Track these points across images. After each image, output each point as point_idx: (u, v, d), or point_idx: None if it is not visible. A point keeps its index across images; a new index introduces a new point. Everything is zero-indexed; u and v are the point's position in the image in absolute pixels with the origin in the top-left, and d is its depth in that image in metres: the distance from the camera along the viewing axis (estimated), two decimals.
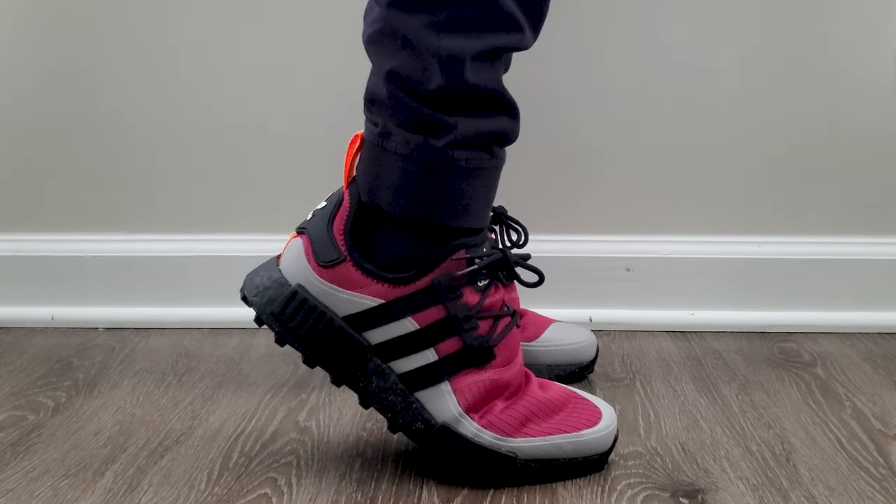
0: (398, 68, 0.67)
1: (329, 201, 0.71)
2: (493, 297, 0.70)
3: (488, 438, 0.68)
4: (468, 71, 0.66)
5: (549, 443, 0.68)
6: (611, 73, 1.06)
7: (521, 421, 0.69)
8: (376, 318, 0.68)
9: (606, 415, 0.71)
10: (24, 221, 1.12)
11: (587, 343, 0.90)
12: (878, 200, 1.07)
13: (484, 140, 0.68)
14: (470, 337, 0.68)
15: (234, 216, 1.10)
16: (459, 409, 0.68)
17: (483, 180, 0.70)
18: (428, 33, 0.65)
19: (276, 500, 0.66)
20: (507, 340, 0.70)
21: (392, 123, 0.68)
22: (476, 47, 0.66)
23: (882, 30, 1.04)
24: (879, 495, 0.66)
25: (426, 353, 0.68)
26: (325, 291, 0.68)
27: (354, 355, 0.68)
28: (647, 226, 1.08)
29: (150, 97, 1.08)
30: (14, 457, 0.73)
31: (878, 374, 0.92)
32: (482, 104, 0.68)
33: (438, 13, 0.65)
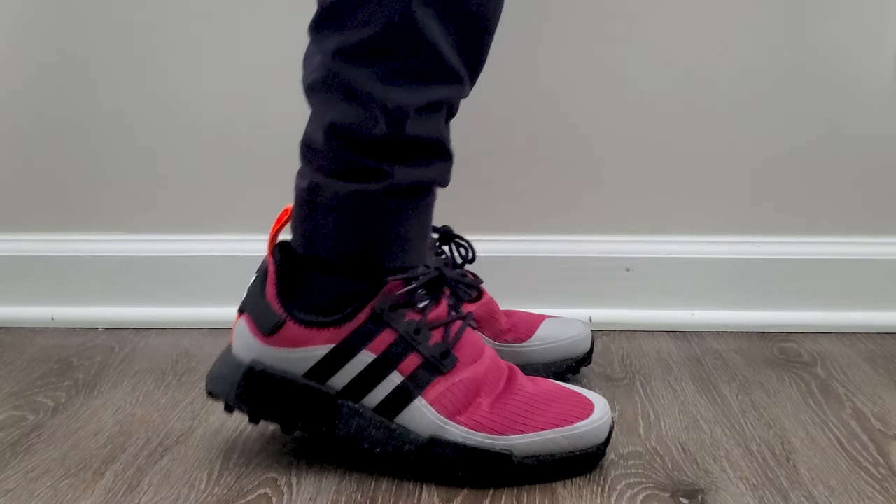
0: (340, 120, 0.67)
1: (258, 273, 0.72)
2: (435, 310, 0.71)
3: (480, 439, 0.68)
4: (411, 122, 0.67)
5: (542, 438, 0.68)
6: (611, 73, 1.06)
7: (511, 418, 0.69)
8: (333, 363, 0.69)
9: (599, 406, 0.70)
10: (24, 221, 1.12)
11: (581, 336, 0.90)
12: (878, 200, 1.07)
13: (418, 185, 0.70)
14: (426, 348, 0.69)
15: (234, 216, 1.10)
16: (441, 417, 0.68)
17: (417, 221, 0.71)
18: (374, 84, 0.66)
19: (276, 500, 0.66)
20: (466, 339, 0.71)
21: (324, 175, 0.69)
22: (420, 100, 0.67)
23: (882, 30, 1.04)
24: (879, 495, 0.66)
25: (391, 378, 0.68)
26: (278, 358, 0.69)
27: (326, 406, 0.69)
28: (647, 226, 1.08)
29: (151, 97, 1.08)
30: (14, 457, 0.73)
31: (878, 374, 0.92)
32: (421, 153, 0.69)
33: (385, 65, 0.66)
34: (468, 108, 0.99)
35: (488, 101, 1.05)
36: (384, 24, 0.64)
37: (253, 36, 1.06)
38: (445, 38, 0.66)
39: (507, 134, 1.07)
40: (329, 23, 0.67)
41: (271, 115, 1.07)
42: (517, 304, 1.00)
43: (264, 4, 1.05)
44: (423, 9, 0.64)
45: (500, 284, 1.00)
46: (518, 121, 1.07)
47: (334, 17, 0.66)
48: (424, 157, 0.70)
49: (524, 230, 1.09)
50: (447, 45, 0.66)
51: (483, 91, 1.06)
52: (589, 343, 0.91)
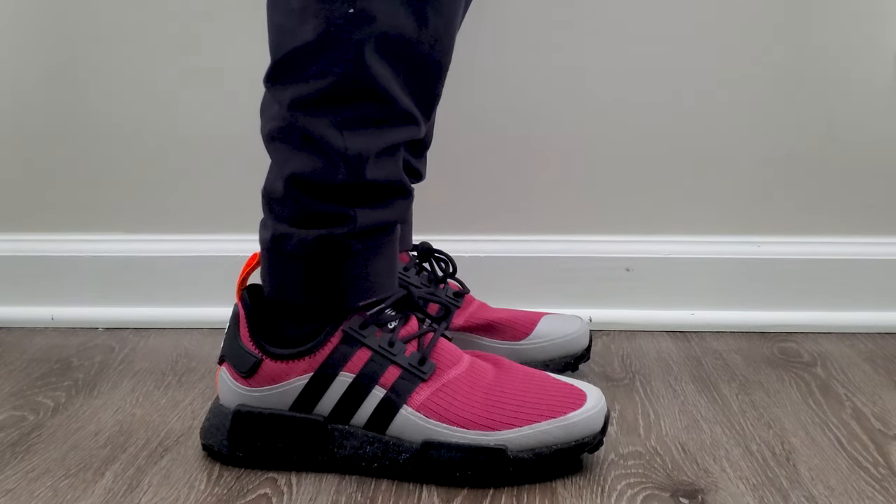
0: (299, 169, 0.68)
1: (230, 320, 0.73)
2: (406, 328, 0.72)
3: (473, 437, 0.68)
4: (370, 167, 0.68)
5: (537, 430, 0.68)
6: (611, 73, 1.06)
7: (503, 413, 0.69)
8: (316, 391, 0.70)
9: (592, 395, 0.70)
10: (24, 221, 1.12)
11: (579, 332, 0.90)
12: (878, 200, 1.07)
13: (381, 226, 0.71)
14: (403, 358, 0.70)
15: (234, 216, 1.10)
16: (430, 421, 0.68)
17: (383, 258, 0.72)
18: (332, 132, 0.67)
19: (276, 500, 0.66)
20: (441, 347, 0.72)
21: (287, 224, 0.70)
22: (378, 144, 0.68)
23: (882, 30, 1.04)
24: (879, 495, 0.66)
25: (374, 394, 0.69)
26: (261, 397, 0.71)
27: (318, 434, 0.70)
28: (647, 226, 1.08)
29: (151, 97, 1.08)
30: (14, 457, 0.73)
31: (878, 374, 0.92)
32: (381, 195, 0.70)
33: (341, 113, 0.66)
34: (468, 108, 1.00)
35: (488, 101, 1.05)
36: (339, 74, 0.65)
37: (253, 36, 1.06)
38: (398, 83, 0.67)
39: (506, 134, 1.07)
40: (284, 75, 0.68)
41: None
42: (517, 304, 1.00)
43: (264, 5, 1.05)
44: (376, 57, 0.65)
45: (500, 284, 1.00)
46: (518, 121, 1.07)
47: (288, 69, 0.67)
48: (385, 198, 0.71)
49: (524, 230, 1.09)
50: (400, 90, 0.67)
51: (483, 91, 1.06)
52: (587, 339, 0.91)
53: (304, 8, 0.65)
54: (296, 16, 0.66)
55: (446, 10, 0.68)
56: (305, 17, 0.65)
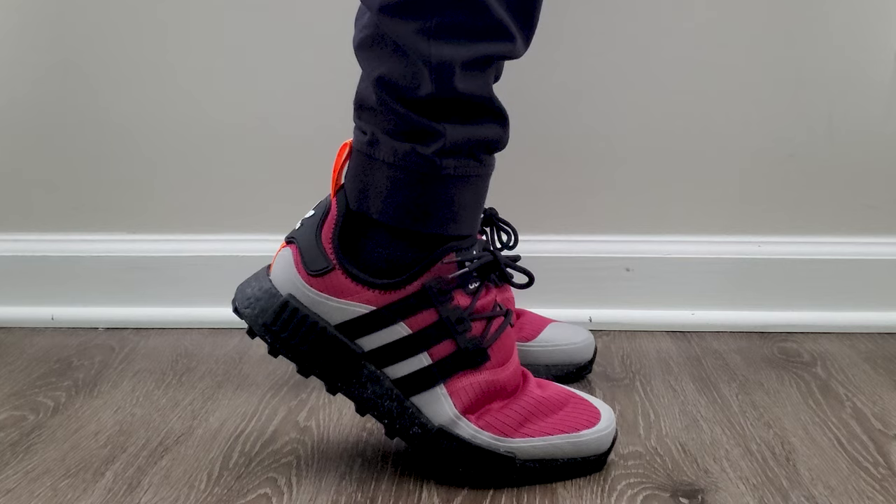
0: (388, 74, 0.66)
1: (317, 210, 0.70)
2: (484, 298, 0.70)
3: (486, 439, 0.68)
4: (458, 78, 0.65)
5: (547, 443, 0.68)
6: (610, 73, 1.06)
7: (519, 421, 0.69)
8: (368, 325, 0.68)
9: (605, 415, 0.71)
10: (24, 221, 1.12)
11: (585, 343, 0.90)
12: (878, 200, 1.07)
13: (472, 148, 0.68)
14: (463, 339, 0.68)
15: (233, 216, 1.10)
16: (455, 411, 0.68)
17: (472, 188, 0.70)
18: (419, 39, 0.64)
19: (276, 500, 0.66)
20: (501, 341, 0.70)
21: (380, 131, 0.68)
22: (466, 55, 0.65)
23: (882, 30, 1.04)
24: (879, 495, 0.66)
25: (420, 358, 0.68)
26: (315, 300, 0.68)
27: (348, 363, 0.68)
28: (647, 226, 1.08)
29: (150, 97, 1.08)
30: (14, 457, 0.73)
31: (878, 374, 0.92)
32: (471, 112, 0.68)
33: (430, 19, 0.64)
34: None
35: None
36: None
37: (254, 36, 1.06)
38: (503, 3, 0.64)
39: None
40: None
41: (272, 115, 1.07)
42: (517, 304, 1.00)
43: (265, 6, 1.05)
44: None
45: None
46: (517, 121, 1.06)
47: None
48: (475, 115, 0.68)
49: (524, 230, 1.08)
50: (501, 11, 0.65)
51: None
52: (592, 351, 0.91)
53: None
54: None
55: None
56: None
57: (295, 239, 0.70)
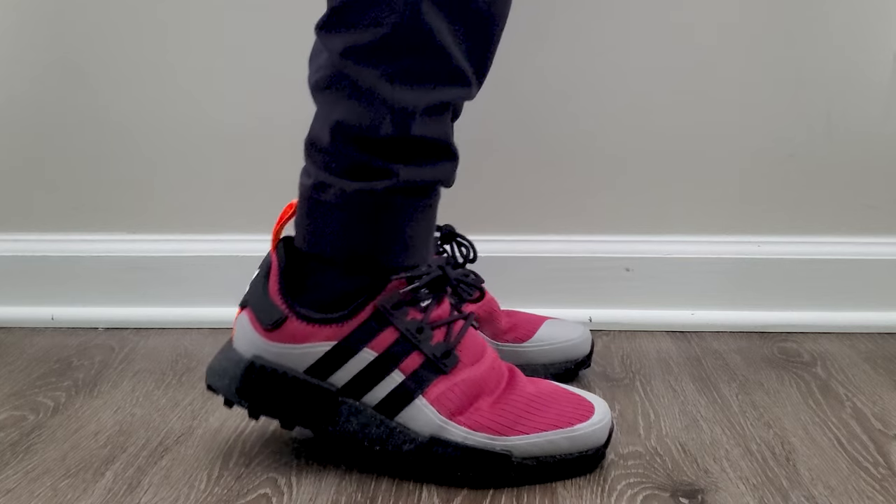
0: (346, 119, 0.67)
1: (261, 268, 0.72)
2: (438, 309, 0.71)
3: (480, 439, 0.68)
4: (417, 123, 0.67)
5: (543, 439, 0.68)
6: (610, 73, 1.06)
7: (511, 419, 0.69)
8: (335, 361, 0.69)
9: (599, 408, 0.71)
10: (24, 221, 1.12)
11: (581, 339, 0.90)
12: (878, 200, 1.07)
13: (423, 185, 0.70)
14: (428, 347, 0.69)
15: (233, 216, 1.10)
16: (441, 417, 0.68)
17: (422, 219, 0.71)
18: (382, 84, 0.66)
19: (276, 500, 0.66)
20: (468, 340, 0.71)
21: (328, 173, 0.69)
22: (427, 101, 0.67)
23: (882, 30, 1.04)
24: (879, 495, 0.66)
25: (392, 377, 0.68)
26: (279, 353, 0.69)
27: (327, 403, 0.69)
28: (647, 226, 1.08)
29: (151, 97, 1.08)
30: (14, 457, 0.73)
31: (878, 374, 0.92)
32: (427, 153, 0.69)
33: (394, 65, 0.65)
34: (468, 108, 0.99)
35: (488, 101, 1.05)
36: (393, 24, 0.64)
37: (255, 36, 1.06)
38: (454, 39, 0.66)
39: (506, 134, 1.07)
40: (338, 22, 0.66)
41: (272, 115, 1.07)
42: (517, 304, 1.00)
43: (265, 6, 1.05)
44: (433, 9, 0.64)
45: (500, 284, 1.00)
46: (518, 121, 1.07)
47: (344, 16, 0.66)
48: (430, 157, 0.69)
49: (524, 230, 1.09)
50: (455, 46, 0.66)
51: (483, 91, 1.06)
52: (589, 346, 0.91)
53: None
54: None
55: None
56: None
57: (247, 301, 0.72)
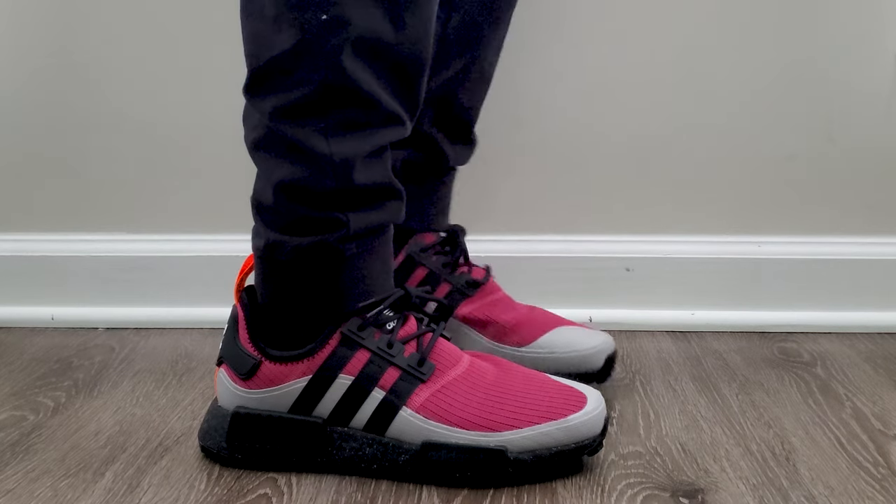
0: (288, 177, 0.67)
1: (229, 322, 0.73)
2: (405, 328, 0.71)
3: (473, 437, 0.68)
4: (358, 171, 0.67)
5: (537, 432, 0.68)
6: (610, 74, 1.06)
7: (503, 414, 0.68)
8: (315, 393, 0.70)
9: (592, 398, 0.70)
10: (24, 221, 1.12)
11: (591, 350, 0.85)
12: (878, 200, 1.07)
13: (374, 228, 0.70)
14: (402, 360, 0.69)
15: (233, 216, 1.10)
16: (430, 422, 0.68)
17: (378, 259, 0.71)
18: (316, 139, 0.66)
19: (276, 500, 0.66)
20: (440, 347, 0.72)
21: (278, 232, 0.70)
22: (365, 148, 0.67)
23: (882, 30, 1.04)
24: (879, 495, 0.66)
25: (374, 396, 0.69)
26: (261, 399, 0.71)
27: (317, 437, 0.70)
28: (647, 226, 1.08)
29: (151, 97, 1.08)
30: (14, 457, 0.73)
31: (878, 374, 0.92)
32: (373, 198, 0.70)
33: (325, 120, 0.66)
34: None
35: (488, 102, 1.05)
36: (318, 81, 0.65)
37: None
38: (380, 85, 0.66)
39: (507, 134, 1.07)
40: (263, 85, 0.67)
41: None
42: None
43: None
44: (355, 61, 0.64)
45: (500, 284, 1.00)
46: (518, 121, 1.07)
47: (267, 78, 0.67)
48: (376, 200, 0.70)
49: (524, 230, 1.09)
50: (383, 91, 0.66)
51: None
52: (601, 360, 0.85)
53: (278, 16, 0.64)
54: (270, 25, 0.65)
55: (422, 10, 0.67)
56: (280, 25, 0.64)
57: (222, 357, 0.73)
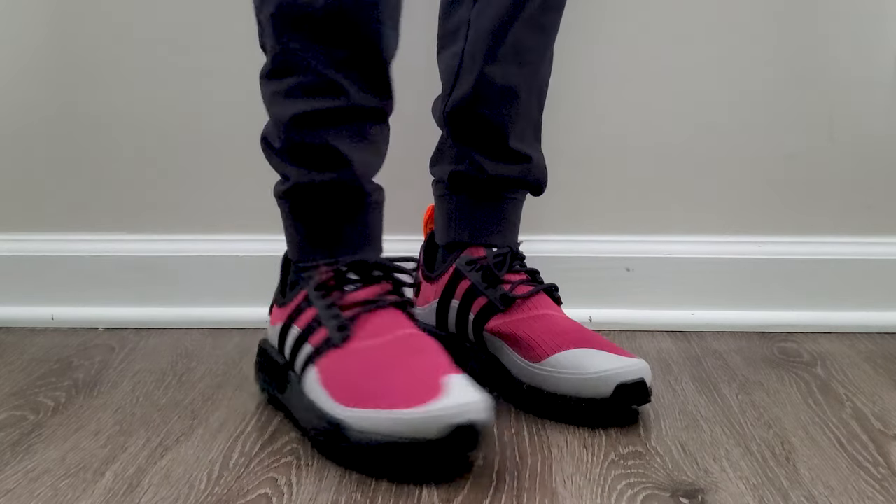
0: (265, 132, 0.81)
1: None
2: (360, 293, 0.76)
3: (331, 406, 0.70)
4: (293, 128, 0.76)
5: (374, 415, 0.66)
6: (610, 73, 1.06)
7: (357, 390, 0.69)
8: (283, 337, 0.80)
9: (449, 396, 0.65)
10: (24, 221, 1.12)
11: (596, 376, 0.77)
12: (878, 200, 1.07)
13: (315, 189, 0.77)
14: (331, 323, 0.75)
15: (233, 216, 1.10)
16: (319, 384, 0.72)
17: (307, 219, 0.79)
18: (270, 99, 0.78)
19: (276, 500, 0.66)
20: (374, 317, 0.75)
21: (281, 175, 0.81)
22: (298, 109, 0.76)
23: (882, 30, 1.04)
24: (879, 495, 0.66)
25: (305, 348, 0.76)
26: (269, 333, 0.84)
27: (279, 372, 0.80)
28: (647, 226, 1.08)
29: (151, 97, 1.08)
30: (14, 457, 0.73)
31: (878, 374, 0.92)
32: (311, 160, 0.77)
33: (279, 84, 0.77)
34: None
35: None
36: (270, 51, 0.77)
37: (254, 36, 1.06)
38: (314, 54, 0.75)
39: None
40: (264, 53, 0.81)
41: None
42: None
43: None
44: (287, 31, 0.75)
45: None
46: None
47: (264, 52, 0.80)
48: (316, 163, 0.77)
49: (524, 230, 1.08)
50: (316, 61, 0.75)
51: None
52: (611, 387, 0.77)
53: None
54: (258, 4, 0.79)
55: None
56: (260, 6, 0.78)
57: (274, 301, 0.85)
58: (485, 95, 0.86)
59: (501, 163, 0.89)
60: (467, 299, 0.88)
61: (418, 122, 0.99)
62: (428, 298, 0.92)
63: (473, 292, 0.88)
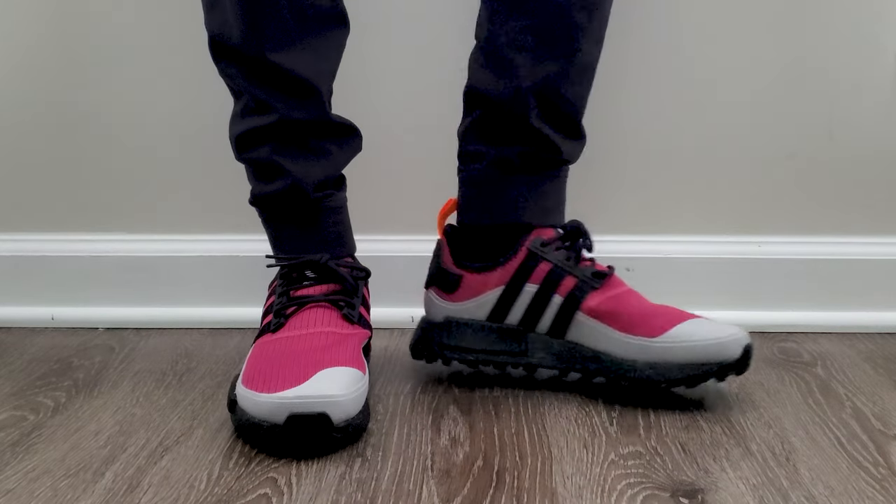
0: None
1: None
2: (309, 290, 0.83)
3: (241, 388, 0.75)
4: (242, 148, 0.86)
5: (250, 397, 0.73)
6: (610, 73, 1.05)
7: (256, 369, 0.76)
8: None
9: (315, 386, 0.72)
10: (24, 221, 1.12)
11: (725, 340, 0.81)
12: (878, 200, 1.07)
13: (269, 199, 0.87)
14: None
15: (233, 216, 1.10)
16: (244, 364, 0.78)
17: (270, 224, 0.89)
18: (230, 121, 0.87)
19: (276, 500, 0.66)
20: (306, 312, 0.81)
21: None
22: (241, 129, 0.85)
23: (881, 30, 1.04)
24: (879, 495, 0.66)
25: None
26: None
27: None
28: (647, 226, 1.08)
29: (151, 97, 1.08)
30: (14, 457, 0.73)
31: (878, 374, 0.92)
32: (259, 173, 0.87)
33: (237, 105, 0.86)
34: None
35: None
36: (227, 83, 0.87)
37: None
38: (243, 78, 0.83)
39: None
40: None
41: None
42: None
43: None
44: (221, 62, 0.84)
45: None
46: None
47: None
48: (263, 176, 0.86)
49: None
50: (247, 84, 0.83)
51: None
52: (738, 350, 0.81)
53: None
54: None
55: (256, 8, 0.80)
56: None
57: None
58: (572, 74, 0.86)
59: (572, 140, 0.89)
60: (550, 281, 0.85)
61: (418, 122, 0.99)
62: (480, 290, 0.88)
63: (559, 273, 0.86)
